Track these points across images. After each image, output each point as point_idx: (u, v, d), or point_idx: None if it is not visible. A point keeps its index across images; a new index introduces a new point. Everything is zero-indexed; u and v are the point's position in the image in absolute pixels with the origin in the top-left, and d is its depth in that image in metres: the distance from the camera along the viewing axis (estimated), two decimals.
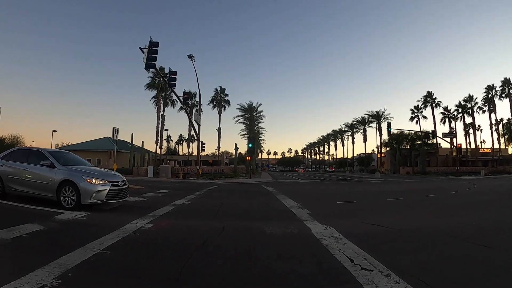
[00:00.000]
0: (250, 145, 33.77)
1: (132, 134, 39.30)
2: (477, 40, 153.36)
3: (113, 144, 54.30)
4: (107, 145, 52.54)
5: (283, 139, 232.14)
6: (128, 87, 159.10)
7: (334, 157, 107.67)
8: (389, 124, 41.88)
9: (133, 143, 40.16)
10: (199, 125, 30.13)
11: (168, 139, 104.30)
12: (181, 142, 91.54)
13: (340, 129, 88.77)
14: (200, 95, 30.34)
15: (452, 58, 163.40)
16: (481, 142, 72.08)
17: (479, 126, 68.47)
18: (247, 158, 41.25)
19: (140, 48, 16.44)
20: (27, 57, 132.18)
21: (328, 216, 7.88)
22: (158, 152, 45.43)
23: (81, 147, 56.14)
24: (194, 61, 26.80)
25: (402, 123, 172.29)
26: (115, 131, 16.38)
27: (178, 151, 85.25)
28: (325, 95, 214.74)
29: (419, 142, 63.49)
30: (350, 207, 9.98)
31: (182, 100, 23.60)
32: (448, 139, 50.25)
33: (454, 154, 63.91)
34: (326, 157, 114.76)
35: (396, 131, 64.51)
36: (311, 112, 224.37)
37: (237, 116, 51.22)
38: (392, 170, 61.44)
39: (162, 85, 40.57)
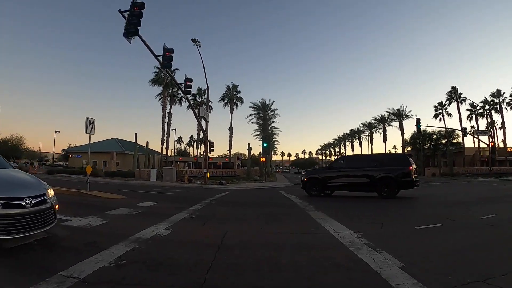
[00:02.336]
0: (264, 145, 29.40)
1: (135, 134, 35.31)
2: (504, 31, 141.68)
3: (119, 145, 51.12)
4: (114, 147, 49.11)
5: (297, 140, 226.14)
6: (134, 85, 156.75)
7: None
8: (418, 121, 36.78)
9: (137, 143, 36.31)
10: (206, 122, 25.92)
11: (179, 140, 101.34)
12: (192, 144, 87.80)
13: (358, 129, 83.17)
14: (207, 88, 26.18)
15: (477, 51, 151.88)
16: (502, 141, 65.05)
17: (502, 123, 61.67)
18: (261, 159, 36.82)
19: (120, 11, 12.28)
20: (28, 59, 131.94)
21: (450, 277, 3.40)
22: (164, 153, 41.49)
23: (87, 148, 52.89)
24: (200, 47, 22.69)
25: (425, 121, 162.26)
26: (90, 122, 12.23)
27: (189, 152, 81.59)
28: (342, 93, 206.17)
29: (443, 141, 57.89)
30: (452, 241, 5.43)
31: (183, 88, 19.45)
32: (483, 138, 44.53)
33: (480, 154, 58.16)
34: None
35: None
36: (327, 112, 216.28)
37: (250, 115, 46.84)
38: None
39: (168, 81, 36.64)
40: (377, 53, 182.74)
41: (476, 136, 44.17)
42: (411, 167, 12.44)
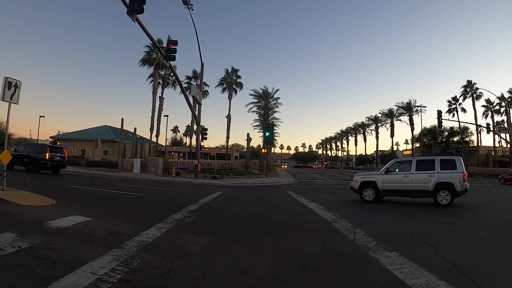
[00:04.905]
0: (267, 134, 24.97)
1: (122, 119, 30.69)
2: None
3: (109, 132, 46.51)
4: (105, 134, 44.78)
5: (296, 133, 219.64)
6: (129, 70, 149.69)
7: (352, 153, 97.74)
8: (439, 113, 32.28)
9: (127, 130, 31.83)
10: (199, 104, 21.45)
11: (175, 129, 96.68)
12: (188, 133, 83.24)
13: (362, 123, 78.62)
14: (202, 64, 21.54)
15: (493, 44, 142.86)
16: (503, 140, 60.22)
17: None
18: (262, 150, 32.40)
19: None
20: (15, 43, 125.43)
21: None
22: (154, 141, 37.02)
23: (77, 136, 48.48)
24: (192, 10, 18.08)
25: (435, 116, 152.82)
26: (11, 85, 7.84)
27: (185, 142, 77.18)
28: (346, 86, 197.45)
29: (455, 138, 53.60)
30: None
31: (165, 53, 14.95)
32: (503, 136, 40.29)
33: (493, 153, 54.11)
34: (344, 153, 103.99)
35: (428, 126, 54.83)
36: (330, 105, 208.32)
37: (250, 103, 42.21)
38: None
39: (160, 60, 32.04)
40: (386, 44, 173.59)
41: (499, 134, 39.85)
42: (46, 154, 16.93)
